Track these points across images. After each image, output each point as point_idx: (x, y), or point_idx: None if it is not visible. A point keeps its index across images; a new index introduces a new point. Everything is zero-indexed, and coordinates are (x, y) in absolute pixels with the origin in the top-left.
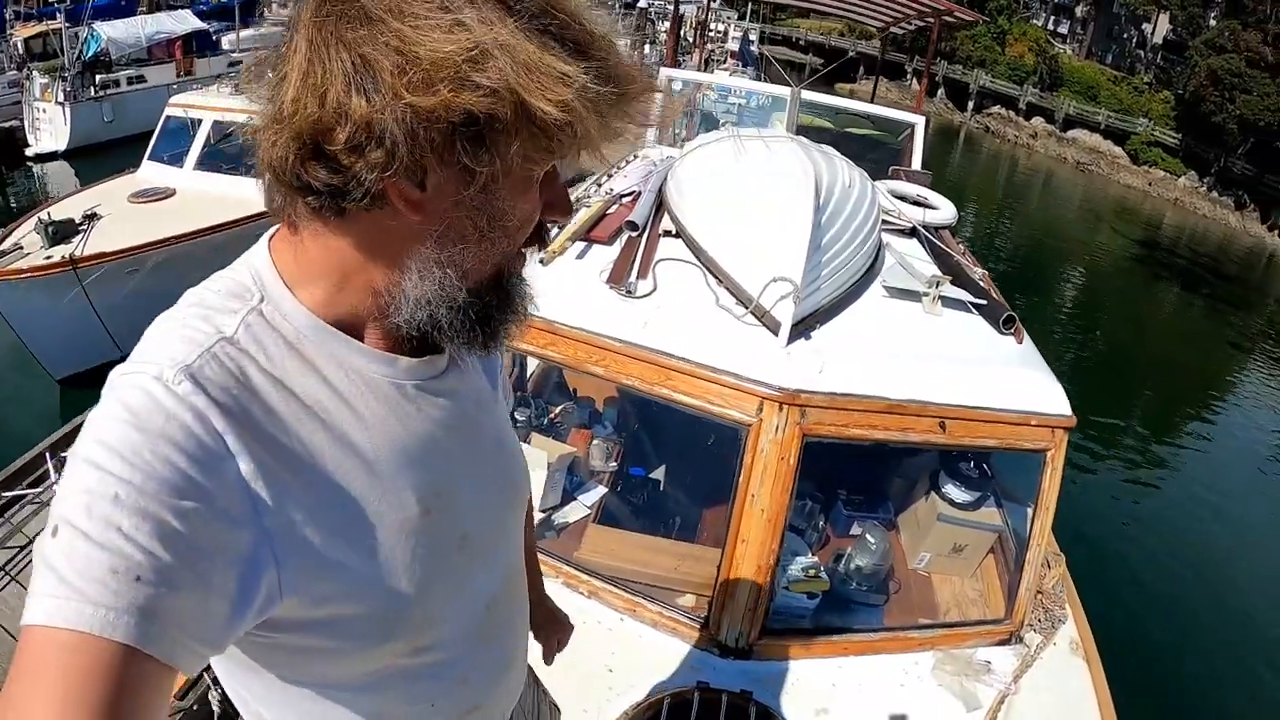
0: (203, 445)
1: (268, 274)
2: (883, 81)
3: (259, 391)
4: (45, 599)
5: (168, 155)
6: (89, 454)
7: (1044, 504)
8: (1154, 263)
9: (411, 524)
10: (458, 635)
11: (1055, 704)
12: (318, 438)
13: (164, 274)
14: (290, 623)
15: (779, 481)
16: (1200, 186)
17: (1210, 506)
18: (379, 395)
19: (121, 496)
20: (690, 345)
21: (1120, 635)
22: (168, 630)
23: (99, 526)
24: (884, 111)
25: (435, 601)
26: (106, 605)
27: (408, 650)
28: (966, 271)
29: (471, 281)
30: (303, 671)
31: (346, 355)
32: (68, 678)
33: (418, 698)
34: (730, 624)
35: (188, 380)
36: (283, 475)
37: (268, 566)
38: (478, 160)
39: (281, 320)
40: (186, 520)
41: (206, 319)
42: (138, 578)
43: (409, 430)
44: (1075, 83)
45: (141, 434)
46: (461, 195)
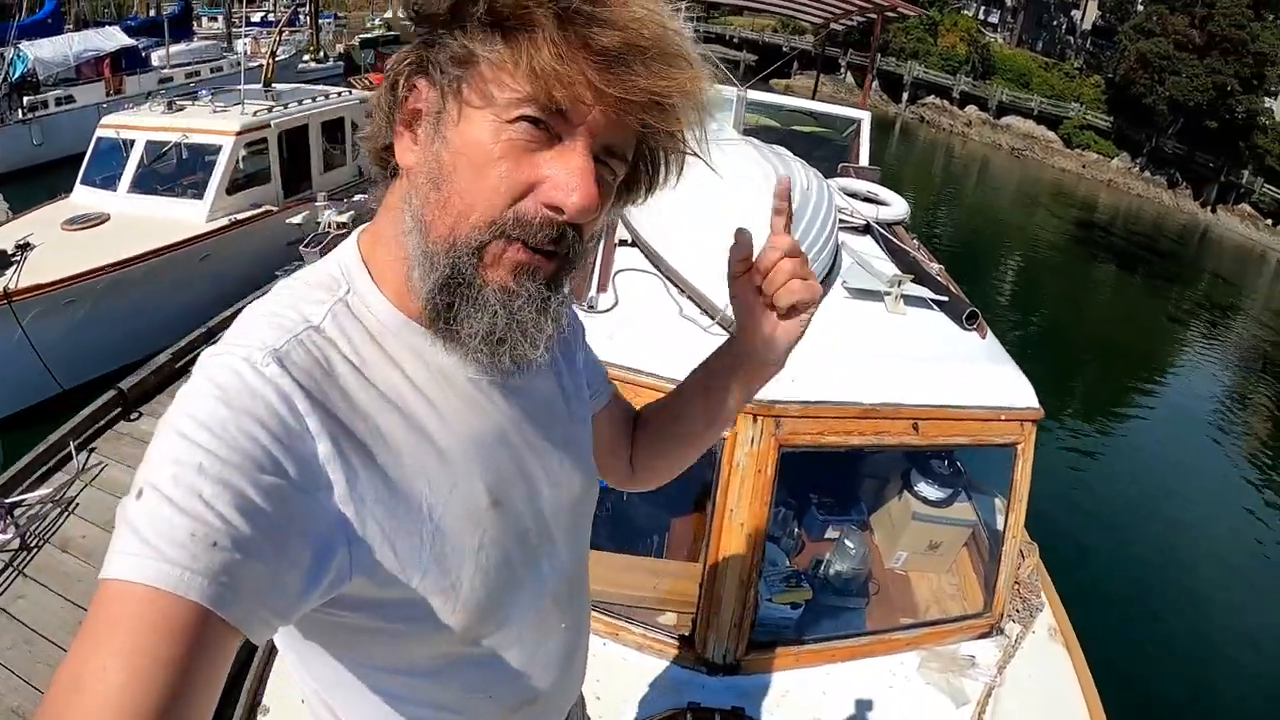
0: (285, 424)
1: (355, 266)
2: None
3: (340, 378)
4: (125, 556)
5: (100, 179)
6: (178, 425)
7: (1017, 496)
8: (1092, 244)
9: (479, 515)
10: (518, 628)
11: (1040, 691)
12: (394, 426)
13: (103, 303)
14: (357, 602)
15: (757, 494)
16: (1133, 167)
17: (1164, 479)
18: (455, 389)
19: (205, 466)
20: (658, 359)
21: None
22: (240, 596)
23: (182, 492)
24: (829, 108)
25: (497, 592)
26: (184, 565)
27: (468, 639)
28: (924, 268)
29: (433, 241)
30: (365, 655)
31: (425, 349)
32: (139, 630)
33: (475, 687)
34: (716, 641)
35: (275, 363)
36: (358, 459)
37: (340, 544)
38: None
39: (365, 311)
40: (265, 494)
41: (295, 307)
42: (214, 543)
43: (483, 424)
44: (1007, 70)
45: (229, 410)
46: (430, 140)
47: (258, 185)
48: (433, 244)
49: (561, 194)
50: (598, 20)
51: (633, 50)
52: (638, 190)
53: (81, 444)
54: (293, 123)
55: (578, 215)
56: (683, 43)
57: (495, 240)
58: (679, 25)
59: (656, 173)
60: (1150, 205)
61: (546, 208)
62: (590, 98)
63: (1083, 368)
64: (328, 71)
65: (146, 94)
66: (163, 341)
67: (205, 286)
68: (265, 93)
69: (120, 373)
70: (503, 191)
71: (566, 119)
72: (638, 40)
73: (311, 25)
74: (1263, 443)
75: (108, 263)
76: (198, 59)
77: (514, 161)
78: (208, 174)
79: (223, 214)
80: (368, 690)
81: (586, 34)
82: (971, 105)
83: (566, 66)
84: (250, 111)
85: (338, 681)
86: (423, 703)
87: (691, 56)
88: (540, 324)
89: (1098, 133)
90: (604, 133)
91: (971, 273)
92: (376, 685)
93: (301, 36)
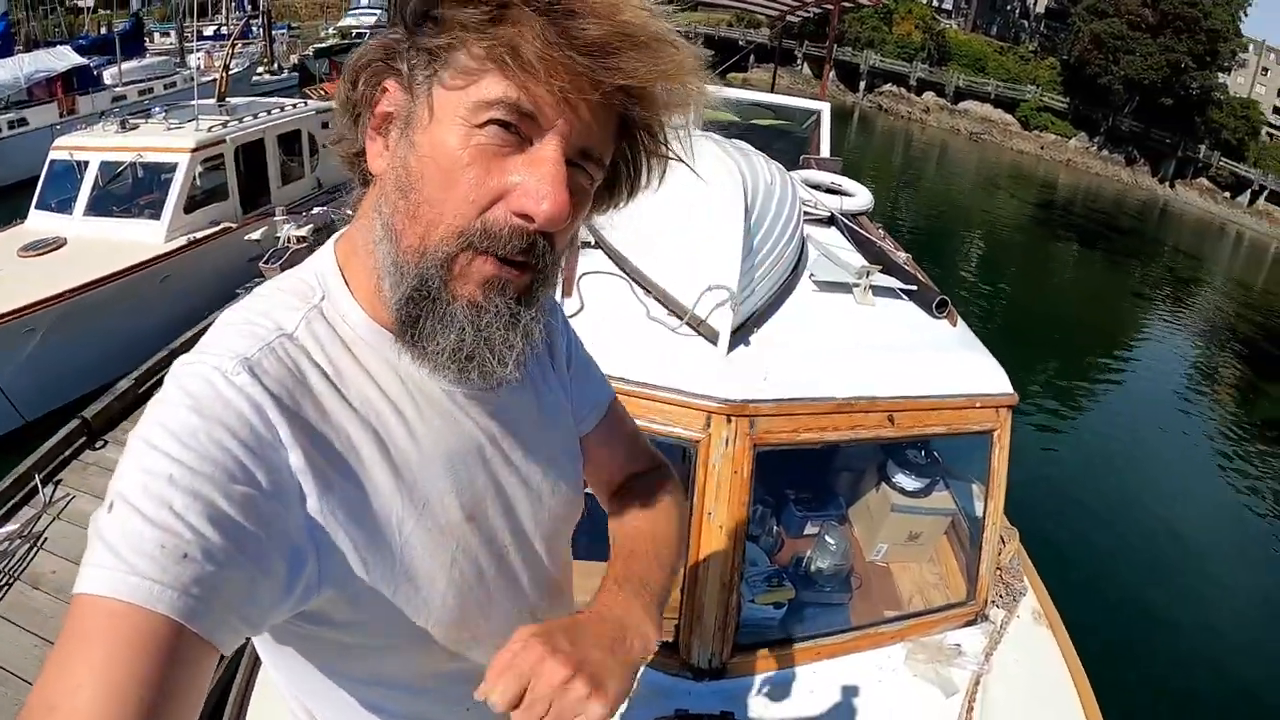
0: (256, 434)
1: (330, 273)
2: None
3: (313, 388)
4: (97, 569)
5: (56, 202)
6: (149, 435)
7: (995, 483)
8: (1053, 224)
9: (452, 529)
10: (496, 641)
11: (1028, 675)
12: (366, 438)
13: (64, 330)
14: (329, 616)
15: (734, 496)
16: (1091, 146)
17: (1137, 454)
18: (429, 400)
19: (175, 477)
20: (628, 364)
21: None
22: (211, 608)
23: (152, 504)
24: (789, 100)
25: (472, 606)
26: (154, 579)
27: (443, 653)
28: (891, 257)
29: (403, 251)
30: (341, 666)
31: (398, 359)
32: (112, 644)
33: (453, 699)
34: (701, 645)
35: (246, 372)
36: (330, 471)
37: (309, 556)
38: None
39: (340, 320)
40: (237, 504)
41: (269, 314)
42: (185, 555)
43: (456, 437)
44: (963, 56)
45: (200, 419)
46: (399, 144)
47: (215, 202)
48: (402, 254)
49: (531, 201)
50: (577, 12)
51: (619, 38)
52: (619, 194)
53: (47, 476)
54: (248, 137)
55: (548, 224)
56: (666, 27)
57: (463, 252)
58: (656, 8)
59: (638, 175)
60: (1109, 183)
61: (516, 216)
62: (579, 91)
63: (1051, 349)
64: (283, 83)
65: (100, 113)
66: (126, 366)
67: (166, 308)
68: (219, 107)
69: (84, 401)
70: (471, 200)
71: (537, 122)
72: (624, 28)
73: (265, 37)
74: (1231, 411)
75: (66, 288)
76: (151, 75)
77: (483, 168)
78: (164, 193)
79: (181, 233)
80: (345, 699)
81: (569, 26)
82: (929, 91)
83: (553, 61)
84: (205, 127)
85: (315, 689)
86: (400, 713)
87: (678, 40)
88: (509, 340)
89: (1055, 114)
90: (579, 136)
91: (936, 259)
92: (353, 695)
93: (255, 49)
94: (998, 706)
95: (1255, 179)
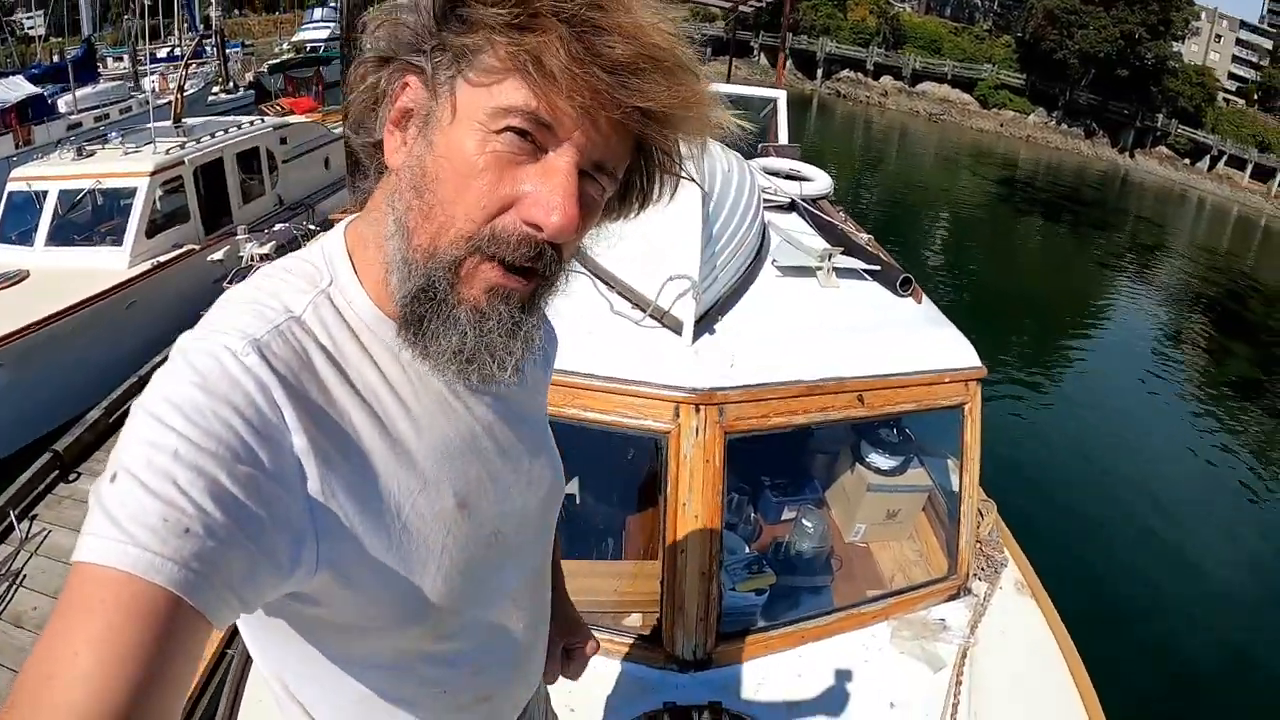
0: (262, 415)
1: (339, 258)
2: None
3: (319, 372)
4: (97, 539)
5: (15, 234)
6: (154, 408)
7: (969, 456)
8: (1016, 200)
9: (447, 517)
10: (477, 627)
11: (1014, 645)
12: (367, 424)
13: (30, 364)
14: (320, 596)
15: (708, 485)
16: (1049, 121)
17: (1109, 419)
18: (428, 390)
19: (181, 452)
20: (593, 359)
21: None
22: (210, 583)
23: (156, 477)
24: (744, 90)
25: (461, 593)
26: (154, 550)
27: (429, 637)
28: (853, 239)
29: (413, 249)
30: (324, 645)
31: (401, 349)
32: (109, 613)
33: (431, 682)
34: (684, 637)
35: (255, 353)
36: (332, 455)
37: (309, 538)
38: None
39: (346, 305)
40: (240, 483)
41: (277, 295)
42: (186, 529)
43: (453, 427)
44: (918, 38)
45: (207, 396)
46: (416, 143)
47: (177, 225)
48: (412, 252)
49: (541, 212)
50: (605, 28)
51: (644, 60)
52: (629, 205)
53: (22, 513)
54: (206, 157)
55: (556, 235)
56: (690, 54)
57: (471, 256)
58: (680, 32)
59: (650, 190)
60: (1070, 157)
61: (526, 224)
62: (599, 107)
63: (1020, 322)
64: (239, 101)
65: (57, 142)
66: (95, 396)
67: (133, 334)
68: (176, 129)
69: (55, 434)
70: (483, 206)
71: (554, 133)
72: (650, 51)
73: (219, 56)
74: (1200, 372)
75: (32, 321)
76: (106, 101)
77: (497, 174)
78: (125, 218)
79: (144, 258)
80: (325, 679)
81: (596, 42)
82: (886, 75)
83: (576, 75)
84: (163, 150)
85: (295, 668)
86: (378, 694)
87: (699, 70)
88: (510, 347)
89: (1012, 91)
90: (594, 149)
91: (901, 240)
92: (333, 675)
93: (210, 69)
94: (986, 678)
95: (1214, 144)
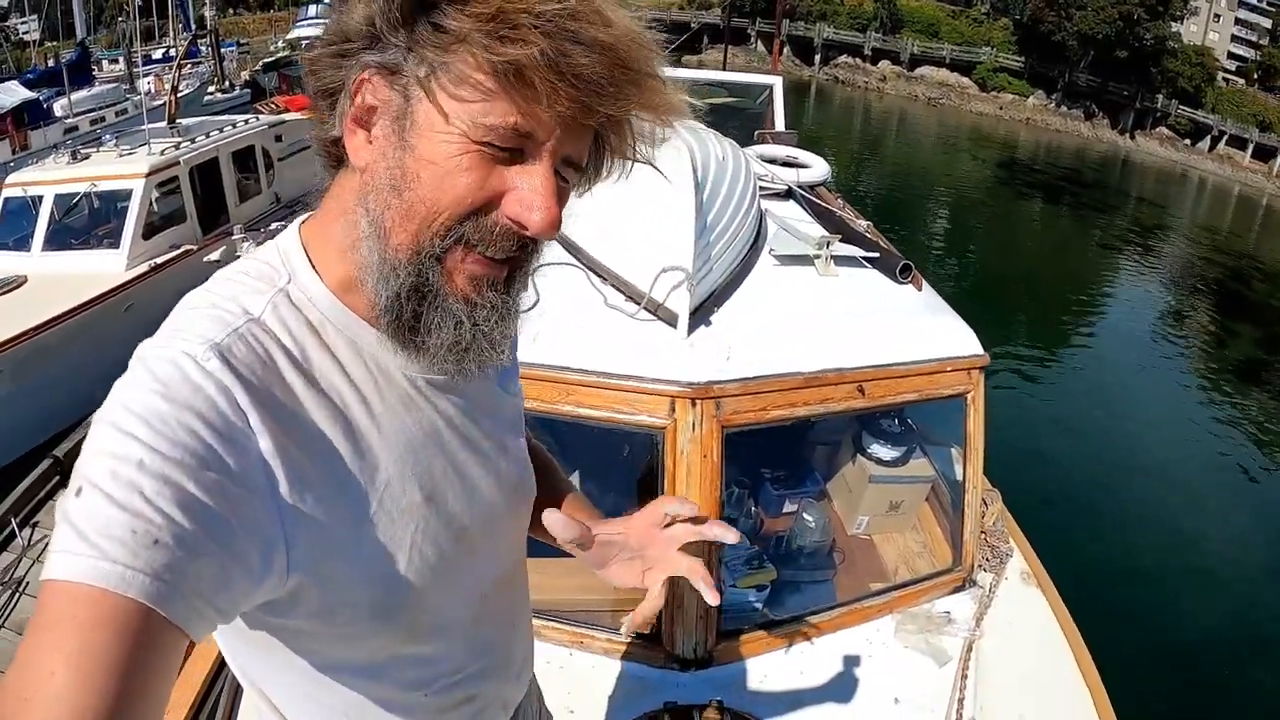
0: (227, 420)
1: (295, 255)
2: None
3: (282, 373)
4: (65, 555)
5: (13, 240)
6: (116, 419)
7: (973, 445)
8: (1017, 183)
9: (413, 513)
10: (452, 626)
11: (1021, 637)
12: (332, 423)
13: (31, 369)
14: (294, 602)
15: (706, 480)
16: (1049, 104)
17: (1114, 404)
18: (393, 386)
19: (146, 462)
20: (587, 354)
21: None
22: (183, 594)
23: (122, 489)
24: (741, 77)
25: (432, 591)
26: (124, 564)
27: (404, 638)
28: (851, 226)
29: (394, 248)
30: (301, 652)
31: (364, 343)
32: (82, 630)
33: (411, 685)
34: (685, 635)
35: (216, 357)
36: (299, 457)
37: (279, 543)
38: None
39: (306, 302)
40: (208, 491)
41: (235, 298)
42: (155, 540)
43: (417, 423)
44: (916, 22)
45: (169, 404)
46: (390, 144)
47: (174, 225)
48: (394, 251)
49: (526, 211)
50: (583, 41)
51: (619, 71)
52: (585, 184)
53: (23, 520)
54: (202, 157)
55: (540, 232)
56: (656, 60)
57: (455, 248)
58: (649, 42)
59: (601, 171)
60: (1070, 139)
61: (510, 220)
62: (575, 116)
63: (1023, 307)
64: (234, 100)
65: (54, 146)
66: (96, 400)
67: (132, 337)
68: (170, 130)
69: (55, 440)
70: (469, 202)
71: (533, 138)
72: (624, 63)
73: (214, 56)
74: (1204, 354)
75: (31, 326)
76: (101, 104)
77: (481, 173)
78: (121, 220)
79: (142, 260)
80: (304, 686)
81: (574, 53)
82: (884, 60)
83: (555, 86)
84: (158, 150)
85: (273, 677)
86: (360, 700)
87: (663, 74)
88: (505, 330)
89: (1011, 74)
90: (566, 147)
91: (902, 227)
92: (312, 682)
93: (205, 68)
94: (993, 672)
95: (1214, 124)
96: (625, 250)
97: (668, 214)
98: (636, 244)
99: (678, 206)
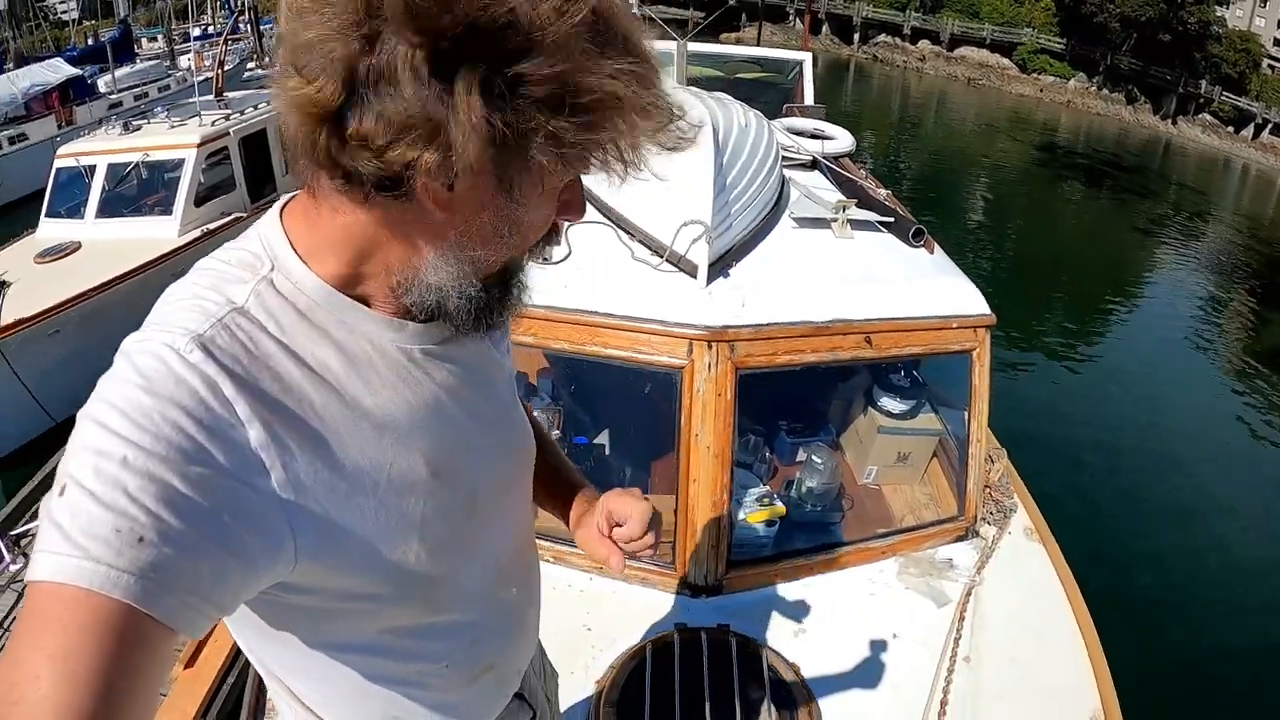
0: (213, 412)
1: (279, 243)
2: (767, 26)
3: (270, 360)
4: (50, 556)
5: (65, 209)
6: (99, 415)
7: (978, 401)
8: (1056, 165)
9: (421, 487)
10: (469, 597)
11: (1019, 587)
12: (328, 405)
13: (87, 330)
14: (305, 584)
15: (720, 417)
16: (1090, 86)
17: (1138, 380)
18: (388, 360)
19: (130, 459)
20: (613, 300)
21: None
22: (170, 591)
23: (106, 487)
24: (770, 53)
25: (446, 564)
26: (109, 563)
27: (421, 612)
28: (870, 193)
29: (482, 276)
30: (321, 633)
31: (356, 321)
32: (67, 631)
33: (432, 658)
34: (696, 564)
35: (199, 349)
36: (294, 443)
37: (283, 529)
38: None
39: (292, 289)
40: (195, 485)
41: (217, 288)
42: (141, 538)
43: (417, 395)
44: (956, 2)
45: (152, 398)
46: (492, 201)
47: (224, 194)
48: (474, 279)
49: (575, 214)
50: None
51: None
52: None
53: (32, 517)
54: (251, 128)
55: (576, 222)
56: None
57: None
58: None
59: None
60: (1111, 123)
61: (559, 219)
62: None
63: (1059, 285)
64: None
65: (99, 121)
66: None
67: None
68: (219, 103)
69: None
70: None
71: None
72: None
73: (253, 32)
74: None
75: (87, 288)
76: (144, 80)
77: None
78: (173, 190)
79: (194, 226)
80: (324, 670)
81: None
82: (924, 40)
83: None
84: (208, 122)
85: (293, 664)
86: (380, 678)
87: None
88: (519, 299)
89: (1052, 56)
90: None
91: (938, 203)
92: (331, 665)
93: (245, 45)
94: (990, 616)
95: (1258, 112)
96: (650, 208)
97: (689, 173)
98: (659, 201)
99: (698, 165)
